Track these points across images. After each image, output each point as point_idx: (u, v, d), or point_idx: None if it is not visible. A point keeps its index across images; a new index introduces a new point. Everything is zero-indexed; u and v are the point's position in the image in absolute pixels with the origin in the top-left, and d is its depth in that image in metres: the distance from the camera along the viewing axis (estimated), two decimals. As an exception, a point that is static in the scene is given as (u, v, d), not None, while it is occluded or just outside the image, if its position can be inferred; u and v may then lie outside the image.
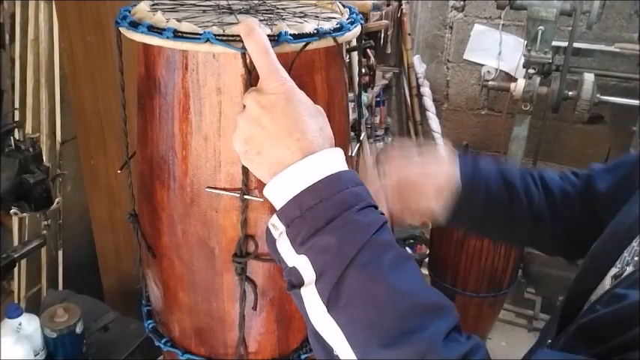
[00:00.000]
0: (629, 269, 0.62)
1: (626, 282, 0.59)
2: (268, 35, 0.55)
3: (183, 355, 0.72)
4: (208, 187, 0.61)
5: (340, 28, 0.61)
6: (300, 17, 0.68)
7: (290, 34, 0.56)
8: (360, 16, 0.68)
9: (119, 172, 0.71)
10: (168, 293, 0.71)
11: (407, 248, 2.81)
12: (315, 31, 0.58)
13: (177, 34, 0.55)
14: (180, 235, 0.65)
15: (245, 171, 0.59)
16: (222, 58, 0.57)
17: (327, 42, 0.59)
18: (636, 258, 0.62)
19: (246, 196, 0.60)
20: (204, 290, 0.67)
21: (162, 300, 0.73)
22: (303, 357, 0.73)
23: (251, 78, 0.56)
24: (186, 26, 0.55)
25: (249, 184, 0.60)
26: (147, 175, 0.67)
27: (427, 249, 2.66)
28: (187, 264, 0.67)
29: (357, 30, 0.65)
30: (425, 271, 2.46)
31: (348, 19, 0.65)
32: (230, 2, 0.73)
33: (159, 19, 0.57)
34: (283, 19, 0.66)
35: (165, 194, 0.65)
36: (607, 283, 0.64)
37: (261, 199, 0.60)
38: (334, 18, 0.67)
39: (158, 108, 0.62)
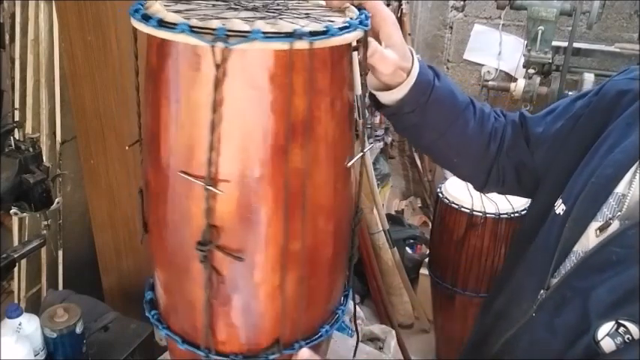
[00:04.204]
0: (614, 225, 0.70)
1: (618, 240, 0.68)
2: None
3: (165, 329, 0.75)
4: (180, 172, 0.63)
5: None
6: (307, 16, 0.68)
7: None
8: (369, 15, 0.68)
9: (127, 148, 0.75)
10: (157, 269, 0.74)
11: (407, 248, 2.81)
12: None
13: (162, 24, 0.57)
14: (161, 216, 0.69)
15: (210, 160, 0.60)
16: (198, 50, 0.58)
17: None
18: (619, 213, 0.70)
19: (208, 187, 0.61)
20: (180, 272, 0.70)
21: (156, 278, 0.76)
22: (270, 357, 0.72)
23: (218, 72, 0.57)
24: (171, 17, 0.57)
25: (214, 175, 0.61)
26: (145, 156, 0.72)
27: (427, 249, 2.66)
28: (168, 243, 0.70)
29: (364, 29, 0.65)
30: (425, 271, 2.46)
31: (356, 19, 0.66)
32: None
33: (157, 8, 0.60)
34: (290, 17, 0.66)
35: (153, 176, 0.68)
36: (591, 234, 0.72)
37: (221, 192, 0.61)
38: (341, 17, 0.67)
39: (149, 94, 0.66)
